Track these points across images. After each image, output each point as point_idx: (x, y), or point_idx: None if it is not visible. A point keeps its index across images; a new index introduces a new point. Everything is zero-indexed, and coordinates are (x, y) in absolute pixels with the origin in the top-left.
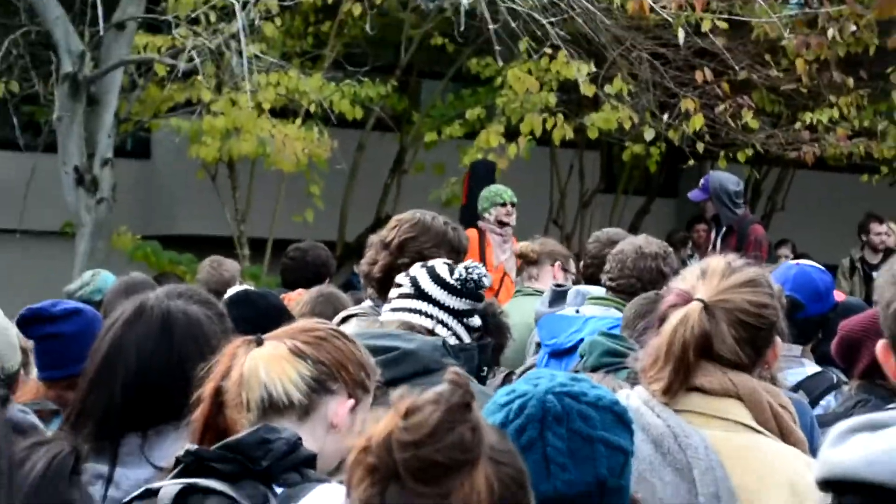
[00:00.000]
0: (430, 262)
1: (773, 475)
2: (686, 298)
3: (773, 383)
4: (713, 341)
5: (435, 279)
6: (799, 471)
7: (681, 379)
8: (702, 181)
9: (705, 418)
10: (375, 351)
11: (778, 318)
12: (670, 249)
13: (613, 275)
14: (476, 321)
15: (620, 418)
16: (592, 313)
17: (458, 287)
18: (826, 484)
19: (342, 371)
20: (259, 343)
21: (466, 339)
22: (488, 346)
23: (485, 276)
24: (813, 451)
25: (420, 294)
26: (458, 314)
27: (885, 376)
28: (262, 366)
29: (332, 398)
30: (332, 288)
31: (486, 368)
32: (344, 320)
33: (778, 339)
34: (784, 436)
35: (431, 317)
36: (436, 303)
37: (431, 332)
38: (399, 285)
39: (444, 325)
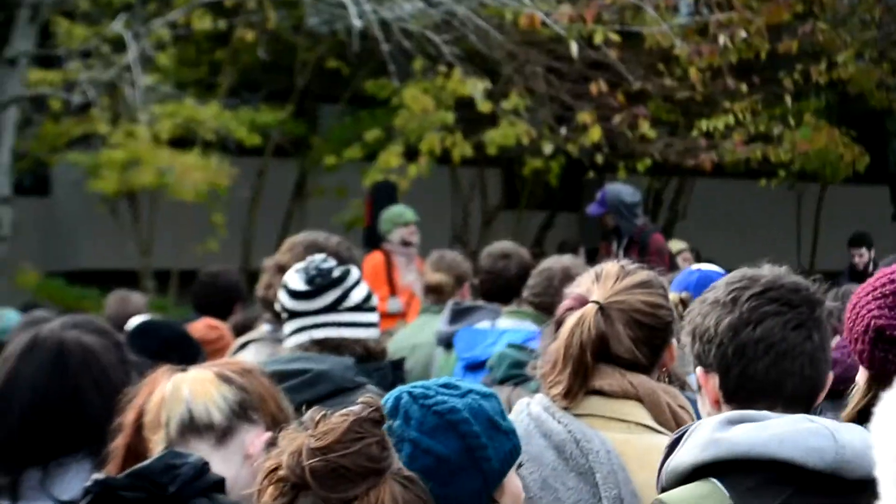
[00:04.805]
0: (285, 277)
1: None
2: (582, 301)
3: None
4: (610, 342)
5: (292, 295)
6: None
7: (580, 382)
8: (598, 195)
9: (606, 421)
10: (288, 375)
11: (672, 318)
12: None
13: (537, 290)
14: (373, 301)
15: (451, 425)
16: (508, 326)
17: (313, 290)
18: (708, 467)
19: (264, 404)
20: (184, 371)
21: (370, 327)
22: (401, 363)
23: (323, 262)
24: None
25: (292, 314)
26: (330, 308)
27: None
28: (186, 386)
29: (251, 427)
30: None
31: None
32: (243, 346)
33: (674, 341)
34: None
35: (315, 326)
36: (305, 314)
37: (336, 346)
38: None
39: (332, 325)
